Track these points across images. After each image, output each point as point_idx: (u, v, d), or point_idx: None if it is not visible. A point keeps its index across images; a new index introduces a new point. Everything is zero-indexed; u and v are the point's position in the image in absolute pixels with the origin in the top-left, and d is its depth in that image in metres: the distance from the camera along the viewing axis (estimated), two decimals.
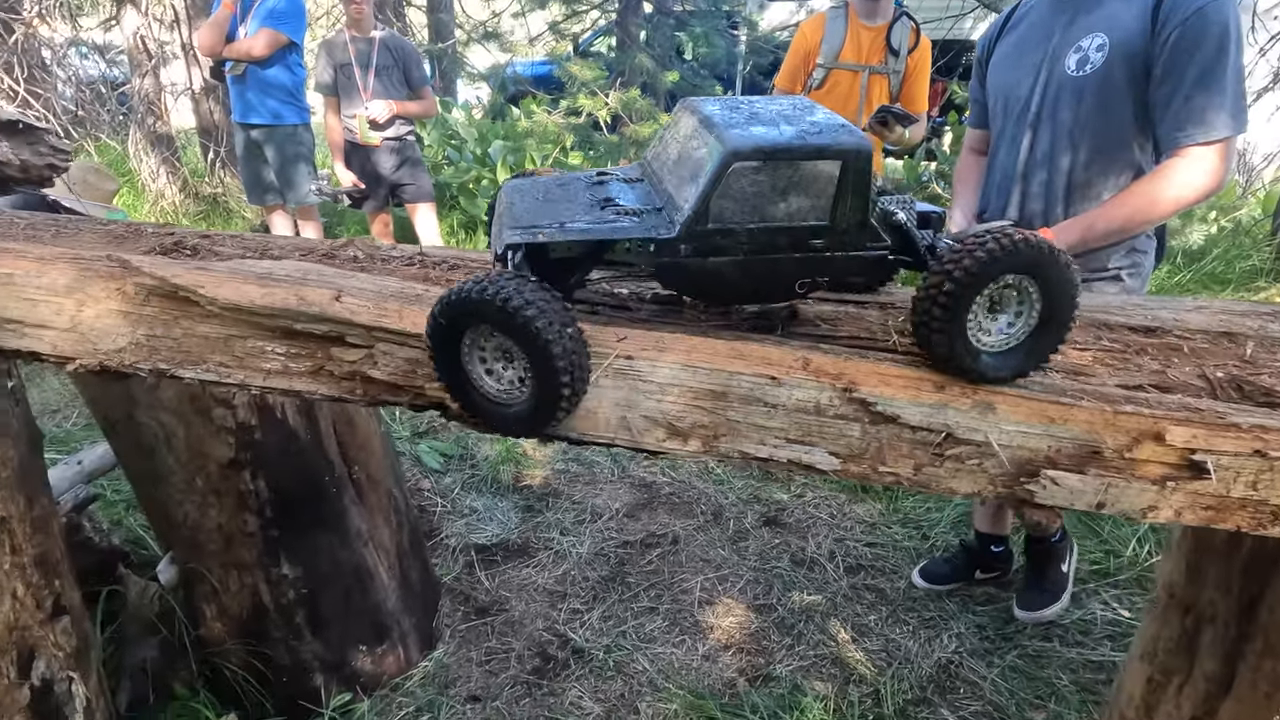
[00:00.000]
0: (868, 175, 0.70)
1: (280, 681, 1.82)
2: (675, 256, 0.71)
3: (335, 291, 0.73)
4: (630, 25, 4.83)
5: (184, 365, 0.75)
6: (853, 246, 0.73)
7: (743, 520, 2.68)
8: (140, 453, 1.61)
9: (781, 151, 0.68)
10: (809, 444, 0.70)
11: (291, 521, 1.73)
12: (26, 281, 0.76)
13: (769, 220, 0.71)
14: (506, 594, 2.33)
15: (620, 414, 0.70)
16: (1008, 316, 0.70)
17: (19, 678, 1.30)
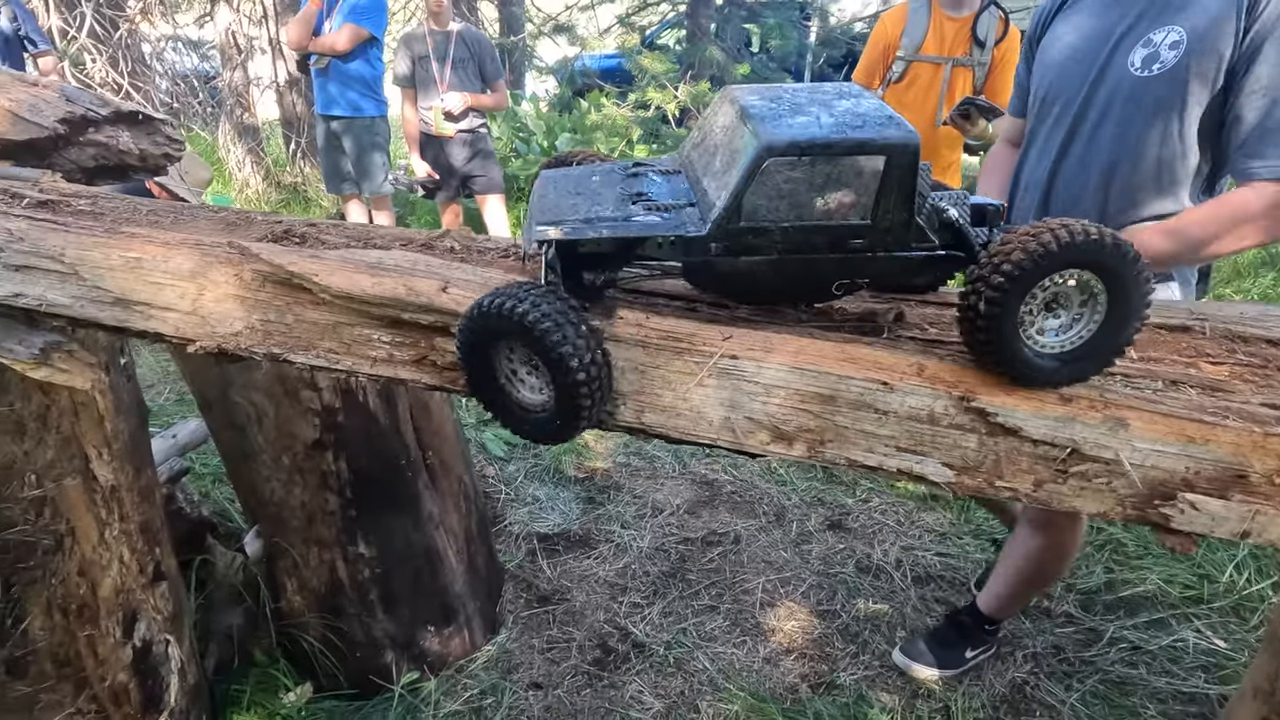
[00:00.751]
0: (914, 171, 0.65)
1: (353, 656, 1.89)
2: (705, 255, 0.68)
3: (442, 282, 0.73)
4: (700, 17, 4.78)
5: (295, 350, 0.78)
6: (896, 246, 0.69)
7: (806, 523, 2.64)
8: (232, 430, 1.68)
9: (819, 146, 0.64)
10: (921, 454, 0.67)
11: (369, 502, 1.79)
12: (154, 266, 0.79)
13: (806, 219, 0.67)
14: (568, 584, 2.35)
15: (724, 415, 0.69)
16: (1070, 315, 0.65)
17: (123, 638, 1.38)
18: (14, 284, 0.81)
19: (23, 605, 1.19)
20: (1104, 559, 2.37)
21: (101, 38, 5.26)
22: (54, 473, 1.20)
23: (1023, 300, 0.63)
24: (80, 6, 5.11)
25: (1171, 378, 0.70)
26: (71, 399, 1.21)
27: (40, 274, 0.81)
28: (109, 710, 1.37)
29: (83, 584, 1.28)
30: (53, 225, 0.86)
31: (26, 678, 1.23)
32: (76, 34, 5.12)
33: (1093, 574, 2.32)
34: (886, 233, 0.68)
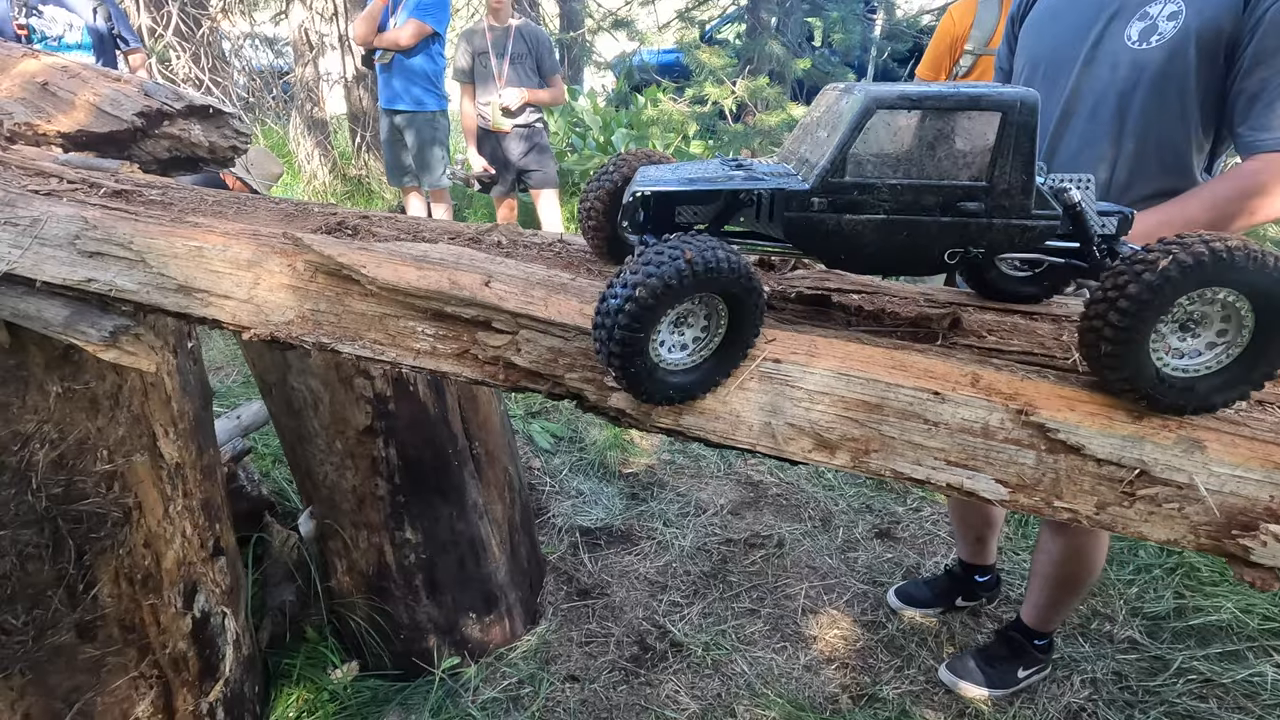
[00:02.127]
0: (1032, 131, 0.61)
1: (398, 638, 1.93)
2: (808, 211, 0.65)
3: (485, 277, 0.74)
4: (762, 11, 4.70)
5: (343, 340, 0.79)
6: (1014, 213, 0.64)
7: (853, 529, 2.57)
8: (290, 414, 1.75)
9: (930, 99, 0.62)
10: (973, 469, 0.64)
11: (417, 489, 1.83)
12: (214, 255, 0.82)
13: (915, 177, 0.64)
14: (608, 578, 2.36)
15: (765, 419, 0.67)
16: (1207, 337, 0.59)
17: (184, 608, 1.45)
18: (87, 269, 0.85)
19: (93, 573, 1.26)
20: (1174, 583, 2.23)
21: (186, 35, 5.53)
22: (124, 449, 1.26)
23: (1159, 316, 0.57)
24: (167, 5, 5.39)
25: (1258, 397, 0.65)
26: (142, 379, 1.28)
27: (111, 260, 0.85)
28: (169, 676, 1.44)
29: (148, 555, 1.35)
30: (124, 214, 0.90)
31: (95, 641, 1.30)
32: (163, 32, 5.40)
33: (1161, 598, 2.19)
34: (1004, 195, 0.64)
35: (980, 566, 2.11)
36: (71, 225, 0.86)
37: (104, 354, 0.89)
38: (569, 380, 0.73)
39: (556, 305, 0.72)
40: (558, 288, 0.74)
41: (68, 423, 1.17)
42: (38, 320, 0.90)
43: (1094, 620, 2.13)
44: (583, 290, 0.74)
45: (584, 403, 0.73)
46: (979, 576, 2.12)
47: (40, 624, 1.23)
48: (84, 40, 4.25)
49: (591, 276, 0.80)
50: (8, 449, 1.11)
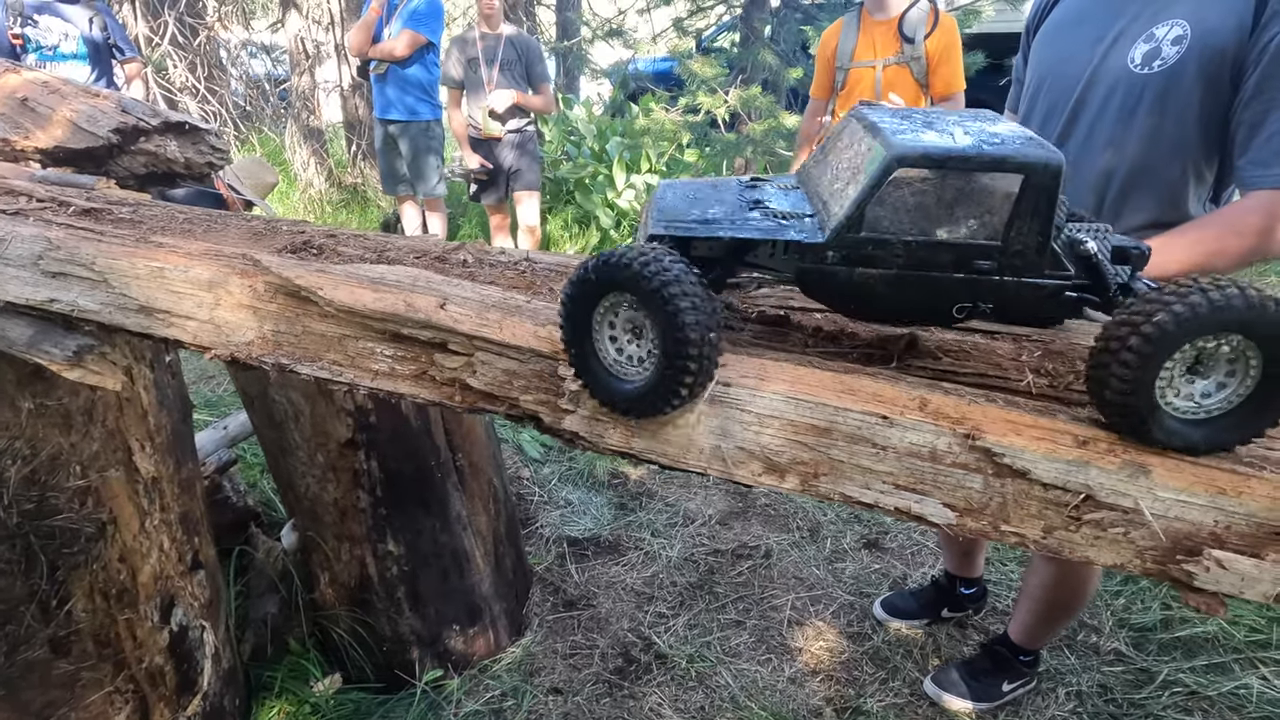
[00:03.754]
0: (1053, 194, 0.62)
1: (380, 650, 1.93)
2: (821, 263, 0.66)
3: (441, 299, 0.74)
4: (755, 21, 4.72)
5: (302, 361, 0.79)
6: (1027, 272, 0.65)
7: (841, 540, 2.57)
8: (271, 426, 1.75)
9: (955, 160, 0.61)
10: (921, 492, 0.64)
11: (399, 502, 1.83)
12: (175, 276, 0.82)
13: (931, 235, 0.64)
14: (595, 589, 2.35)
15: (714, 443, 0.67)
16: (1214, 380, 0.59)
17: (160, 622, 1.45)
18: (50, 289, 0.86)
19: (67, 587, 1.26)
20: (1161, 594, 2.23)
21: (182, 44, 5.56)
22: (98, 464, 1.26)
23: (1163, 363, 0.58)
24: (164, 15, 5.42)
25: None
26: (117, 395, 1.28)
27: (74, 280, 0.85)
28: (145, 690, 1.44)
29: (123, 570, 1.35)
30: (89, 234, 0.90)
31: (69, 656, 1.30)
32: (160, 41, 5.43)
33: (1148, 610, 2.19)
34: (1017, 256, 0.64)
35: (967, 579, 2.11)
36: (35, 245, 0.87)
37: (68, 373, 0.89)
38: (524, 402, 0.73)
39: (511, 328, 0.72)
40: (513, 310, 0.74)
41: (40, 439, 1.17)
42: (2, 340, 0.90)
43: (1080, 632, 2.12)
44: (537, 313, 0.75)
45: (540, 424, 0.74)
46: (965, 588, 2.11)
47: (13, 639, 1.23)
48: (80, 50, 4.27)
49: (548, 298, 0.80)
50: None
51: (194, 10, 5.67)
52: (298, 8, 5.55)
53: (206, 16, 5.84)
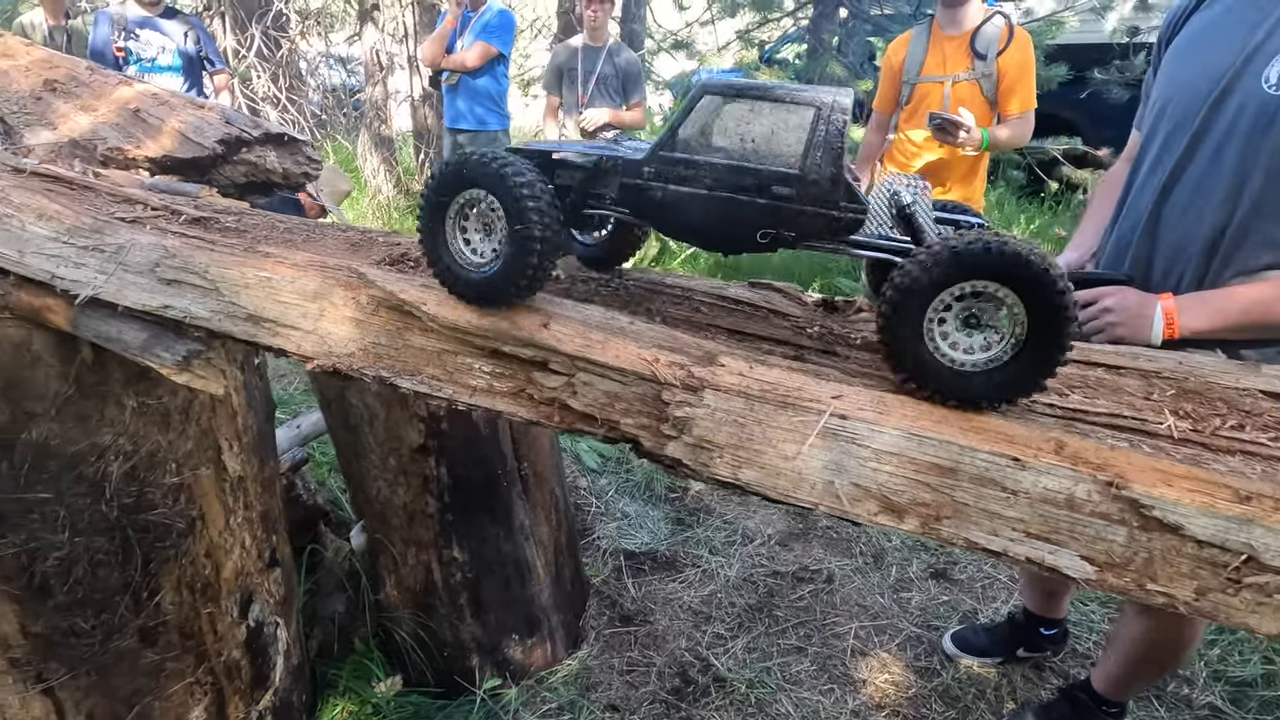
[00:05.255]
0: (842, 130, 0.69)
1: (441, 655, 1.94)
2: (640, 179, 0.76)
3: (544, 318, 0.73)
4: (823, 32, 4.64)
5: (402, 375, 0.80)
6: (823, 203, 0.71)
7: (906, 568, 2.47)
8: (347, 429, 1.78)
9: (752, 90, 0.71)
10: (1055, 543, 0.59)
11: (465, 509, 1.84)
12: (282, 286, 0.84)
13: (735, 159, 0.73)
14: (651, 605, 2.32)
15: (828, 478, 0.64)
16: (989, 333, 0.64)
17: (239, 617, 1.49)
18: (165, 296, 0.89)
19: (157, 580, 1.31)
20: (1262, 646, 2.07)
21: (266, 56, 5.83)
22: (191, 462, 1.30)
23: (926, 307, 0.63)
24: (251, 28, 5.70)
25: None
26: (211, 396, 1.32)
27: (187, 288, 0.88)
28: (222, 683, 1.48)
29: (208, 565, 1.39)
30: (201, 243, 0.93)
31: (156, 646, 1.35)
32: (246, 53, 5.71)
33: (1248, 662, 2.03)
34: (814, 185, 0.70)
35: (1048, 619, 1.99)
36: (153, 253, 0.90)
37: (177, 377, 0.92)
38: (625, 425, 0.71)
39: (615, 349, 0.71)
40: (616, 331, 0.73)
41: (141, 436, 1.22)
42: (118, 342, 0.94)
43: (1171, 683, 1.98)
44: (640, 334, 0.73)
45: (639, 448, 0.72)
46: (1045, 629, 2.00)
47: (107, 628, 1.28)
48: (175, 62, 4.51)
49: (650, 319, 0.78)
50: (86, 460, 1.17)
51: (278, 24, 5.95)
52: (374, 21, 5.75)
53: (289, 30, 6.11)
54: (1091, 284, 1.32)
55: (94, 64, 1.73)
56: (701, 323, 0.83)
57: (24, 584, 1.19)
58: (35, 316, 0.99)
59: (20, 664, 1.24)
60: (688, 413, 0.67)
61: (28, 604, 1.21)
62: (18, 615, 1.21)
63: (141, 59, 4.46)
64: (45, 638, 1.24)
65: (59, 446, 1.14)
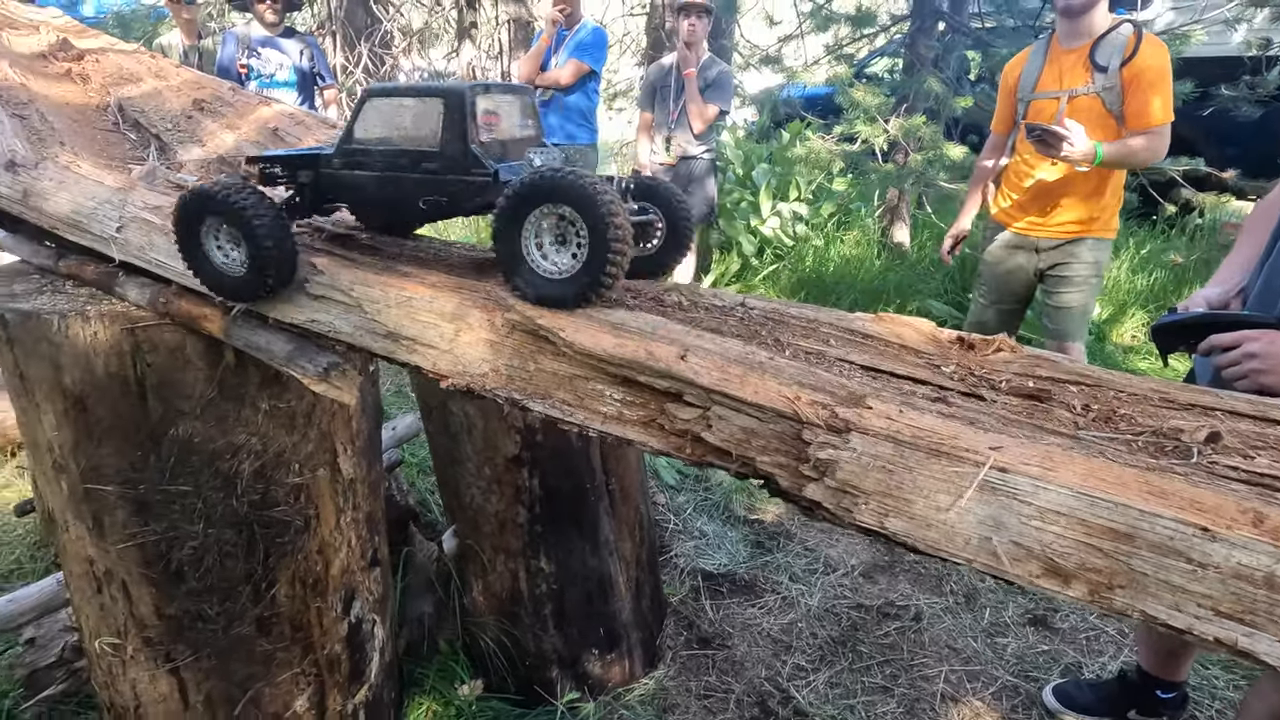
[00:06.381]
0: (463, 112, 0.89)
1: (522, 664, 1.97)
2: (331, 169, 0.99)
3: (682, 350, 0.73)
4: (921, 47, 4.52)
5: (533, 398, 0.81)
6: (459, 171, 0.91)
7: (1001, 612, 2.34)
8: (447, 436, 1.84)
9: (397, 90, 0.95)
10: (1250, 625, 0.54)
11: (554, 520, 1.87)
12: (421, 305, 0.87)
13: (394, 144, 0.94)
14: (730, 629, 2.29)
15: (984, 534, 0.60)
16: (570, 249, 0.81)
17: (342, 613, 1.55)
18: (312, 310, 0.94)
19: (275, 573, 1.38)
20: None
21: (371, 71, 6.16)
22: (311, 463, 1.37)
23: (518, 228, 0.82)
24: (359, 46, 6.04)
25: None
26: (332, 401, 1.39)
27: (332, 304, 0.93)
28: (324, 675, 1.54)
29: (319, 562, 1.46)
30: (346, 260, 0.98)
31: (269, 636, 1.42)
32: (354, 69, 6.05)
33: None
34: (450, 159, 0.91)
35: (1167, 681, 1.84)
36: (303, 270, 0.95)
37: (316, 387, 0.97)
38: (760, 463, 0.70)
39: (754, 385, 0.70)
40: (755, 366, 0.72)
41: (270, 437, 1.29)
42: (265, 351, 0.99)
43: None
44: (781, 370, 0.72)
45: (774, 487, 0.70)
46: (1163, 692, 1.85)
47: (229, 615, 1.36)
48: (291, 79, 4.82)
49: (792, 355, 0.77)
50: (222, 457, 1.24)
51: (384, 42, 6.28)
52: (471, 39, 5.98)
53: (393, 48, 6.45)
54: (1236, 326, 1.21)
55: (235, 85, 1.86)
56: (833, 357, 0.81)
57: (161, 569, 1.28)
58: (192, 324, 1.07)
59: (153, 643, 1.34)
60: (831, 455, 0.65)
61: (163, 588, 1.29)
62: (154, 598, 1.30)
63: (261, 75, 4.78)
64: (176, 620, 1.33)
65: (200, 443, 1.22)
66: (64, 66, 2.10)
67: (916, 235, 5.14)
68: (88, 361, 1.11)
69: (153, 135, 1.65)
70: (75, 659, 1.78)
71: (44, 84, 1.87)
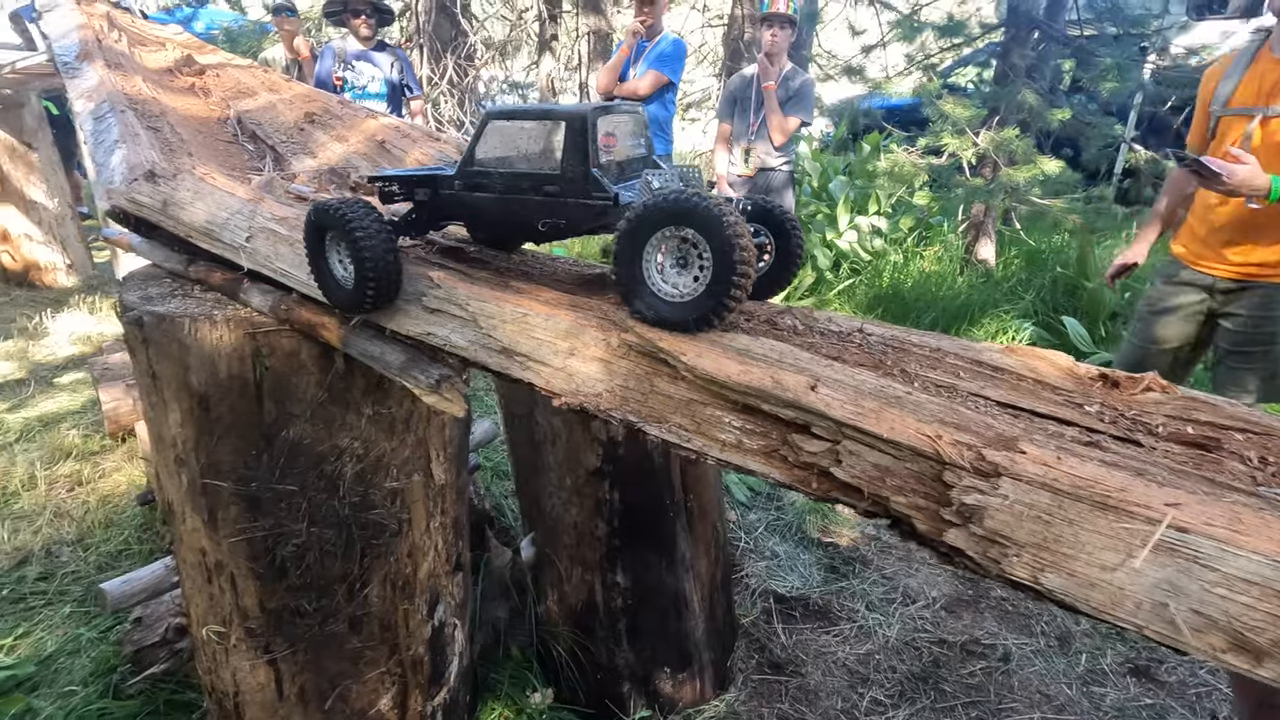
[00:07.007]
0: (585, 135, 0.88)
1: (595, 677, 1.96)
2: (452, 190, 1.00)
3: (812, 380, 0.70)
4: (1014, 56, 4.33)
5: (649, 421, 0.80)
6: (579, 195, 0.91)
7: (1099, 658, 2.19)
8: (530, 445, 1.86)
9: (519, 113, 0.96)
10: None
11: (632, 535, 1.85)
12: (537, 323, 0.87)
13: (515, 167, 0.95)
14: (803, 656, 2.22)
15: (1158, 598, 0.55)
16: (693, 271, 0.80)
17: (427, 616, 1.58)
18: (428, 324, 0.95)
19: (369, 574, 1.42)
20: None
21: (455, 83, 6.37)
22: (407, 468, 1.40)
23: (640, 251, 0.81)
24: (445, 59, 6.25)
25: None
26: (429, 408, 1.42)
27: (448, 318, 0.94)
28: (408, 676, 1.57)
29: (409, 565, 1.49)
30: (461, 275, 1.00)
31: (360, 634, 1.46)
32: (439, 80, 6.27)
33: None
34: (571, 182, 0.91)
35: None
36: (420, 283, 0.97)
37: (427, 398, 0.99)
38: (895, 503, 0.66)
39: (890, 420, 0.66)
40: (891, 400, 0.68)
41: (371, 441, 1.32)
42: (379, 361, 1.02)
43: None
44: (920, 406, 0.68)
45: (909, 530, 0.67)
46: None
47: (325, 612, 1.40)
48: (381, 90, 5.02)
49: (922, 388, 0.73)
50: (327, 459, 1.29)
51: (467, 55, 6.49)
52: (552, 51, 6.10)
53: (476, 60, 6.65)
54: None
55: (344, 98, 1.93)
56: (966, 391, 0.77)
57: (266, 564, 1.33)
58: (311, 331, 1.11)
59: (254, 634, 1.39)
60: (979, 500, 0.61)
61: (267, 582, 1.35)
62: (258, 591, 1.35)
63: (354, 87, 5.00)
64: (276, 614, 1.37)
65: (308, 445, 1.26)
66: (188, 81, 2.24)
67: (1003, 252, 4.92)
68: (213, 363, 1.16)
69: (268, 147, 1.73)
70: (176, 640, 1.88)
71: (171, 97, 2.00)
